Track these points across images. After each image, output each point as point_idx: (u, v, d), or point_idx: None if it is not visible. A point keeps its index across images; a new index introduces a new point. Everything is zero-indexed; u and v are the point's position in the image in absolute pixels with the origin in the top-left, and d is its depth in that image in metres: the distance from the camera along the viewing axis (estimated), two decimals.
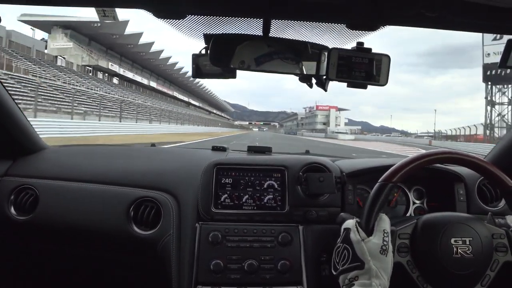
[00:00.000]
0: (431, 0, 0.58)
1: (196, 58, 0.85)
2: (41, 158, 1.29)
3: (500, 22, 0.66)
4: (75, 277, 1.35)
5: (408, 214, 1.18)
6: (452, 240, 0.78)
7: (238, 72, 0.83)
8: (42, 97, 18.62)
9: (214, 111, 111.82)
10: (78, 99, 22.10)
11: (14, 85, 17.59)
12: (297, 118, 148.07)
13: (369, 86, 0.80)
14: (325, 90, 0.84)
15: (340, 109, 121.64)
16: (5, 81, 15.75)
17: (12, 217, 1.13)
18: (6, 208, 1.13)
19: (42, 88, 20.37)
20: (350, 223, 0.79)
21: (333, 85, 0.82)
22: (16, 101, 1.20)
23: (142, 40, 39.57)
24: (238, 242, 0.98)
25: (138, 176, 1.16)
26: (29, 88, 18.15)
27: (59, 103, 20.18)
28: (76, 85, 27.06)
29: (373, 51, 0.76)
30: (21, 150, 1.28)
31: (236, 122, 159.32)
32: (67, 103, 19.55)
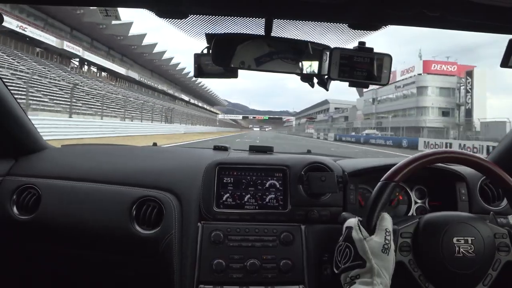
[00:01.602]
0: (432, 0, 0.58)
1: (198, 57, 0.85)
2: (43, 157, 1.30)
3: (501, 22, 0.66)
4: (77, 277, 1.35)
5: (410, 214, 1.18)
6: (454, 240, 0.78)
7: (240, 71, 0.83)
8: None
9: (183, 96, 76.53)
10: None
11: None
12: (329, 108, 79.42)
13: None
14: (327, 90, 0.84)
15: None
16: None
17: (14, 216, 1.13)
18: (8, 208, 1.14)
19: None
20: (352, 221, 0.79)
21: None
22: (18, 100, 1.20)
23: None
24: (240, 242, 0.99)
25: (140, 175, 1.16)
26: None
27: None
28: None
29: (375, 50, 0.76)
30: (23, 150, 1.28)
31: (220, 116, 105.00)
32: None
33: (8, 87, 1.15)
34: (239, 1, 0.65)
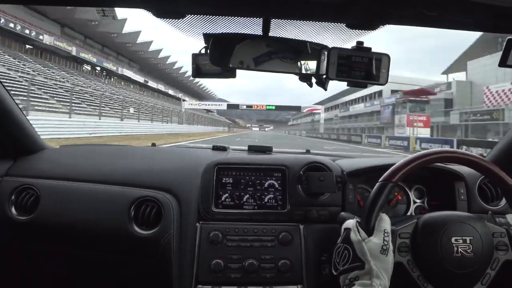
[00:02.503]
0: None
1: (196, 57, 0.85)
2: (42, 158, 1.30)
3: (500, 21, 0.66)
4: (77, 277, 1.35)
5: (408, 213, 1.18)
6: (453, 239, 0.78)
7: (238, 71, 0.83)
8: None
9: (127, 72, 45.85)
10: None
11: None
12: (381, 92, 36.14)
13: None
14: (325, 89, 0.84)
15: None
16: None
17: (13, 217, 1.13)
18: (7, 208, 1.14)
19: None
20: (350, 223, 0.79)
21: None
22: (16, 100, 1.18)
23: None
24: (239, 242, 0.99)
25: (139, 175, 1.16)
26: None
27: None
28: None
29: (375, 49, 0.76)
30: (21, 150, 1.28)
31: (188, 105, 55.36)
32: None
33: (6, 88, 1.14)
34: (237, 1, 0.65)
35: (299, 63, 0.79)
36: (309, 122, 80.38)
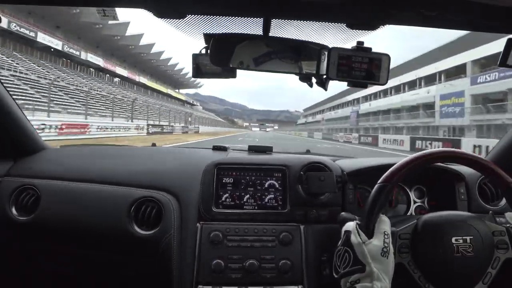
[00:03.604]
0: None
1: (196, 57, 0.85)
2: (42, 158, 1.30)
3: (499, 21, 0.66)
4: (76, 277, 1.35)
5: (408, 213, 1.18)
6: (453, 239, 0.78)
7: (239, 70, 0.83)
8: None
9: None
10: None
11: None
12: None
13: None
14: (325, 90, 0.84)
15: None
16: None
17: (13, 217, 1.13)
18: (7, 209, 1.14)
19: None
20: (350, 225, 0.79)
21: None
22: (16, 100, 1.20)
23: None
24: (239, 242, 0.99)
25: (139, 176, 1.16)
26: None
27: None
28: None
29: (376, 48, 0.76)
30: (22, 151, 1.28)
31: None
32: None
33: (7, 89, 1.15)
34: (237, 1, 0.65)
35: (299, 63, 0.79)
36: (338, 118, 50.81)
